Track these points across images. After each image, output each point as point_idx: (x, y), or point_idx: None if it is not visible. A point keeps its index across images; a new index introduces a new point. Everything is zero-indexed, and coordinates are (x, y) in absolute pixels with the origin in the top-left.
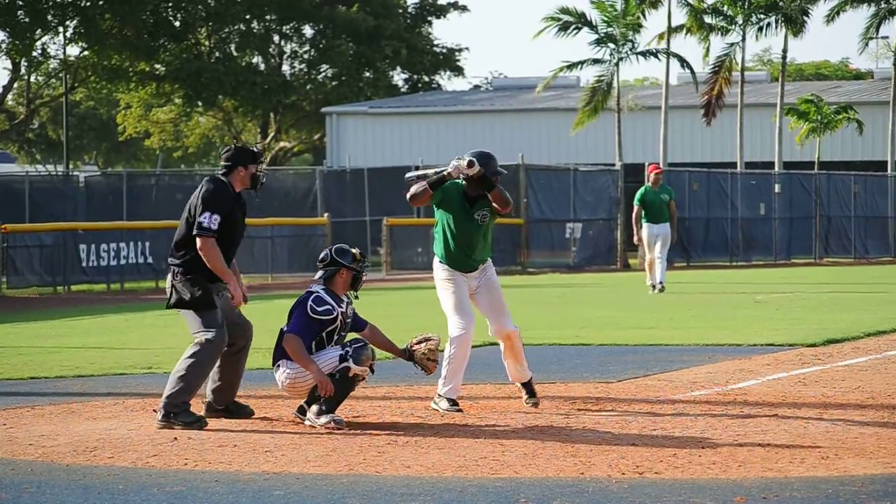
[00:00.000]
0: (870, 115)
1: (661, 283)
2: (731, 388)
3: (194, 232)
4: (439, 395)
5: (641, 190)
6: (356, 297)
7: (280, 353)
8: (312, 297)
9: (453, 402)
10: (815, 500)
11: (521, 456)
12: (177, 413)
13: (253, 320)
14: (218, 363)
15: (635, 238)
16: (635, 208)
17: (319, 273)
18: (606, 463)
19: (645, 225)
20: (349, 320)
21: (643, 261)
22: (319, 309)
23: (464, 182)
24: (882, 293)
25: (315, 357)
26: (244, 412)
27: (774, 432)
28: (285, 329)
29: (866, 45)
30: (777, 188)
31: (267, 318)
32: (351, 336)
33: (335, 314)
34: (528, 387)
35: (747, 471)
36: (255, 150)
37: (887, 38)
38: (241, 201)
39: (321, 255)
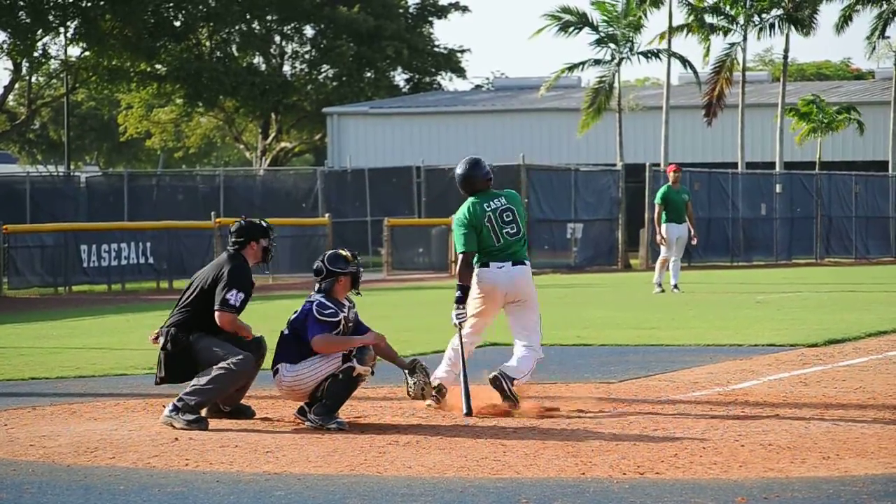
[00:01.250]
0: (871, 116)
1: (675, 284)
2: (732, 389)
3: (216, 307)
4: (508, 376)
5: (663, 189)
6: (358, 294)
7: (279, 357)
8: (315, 304)
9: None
10: (817, 501)
11: (523, 456)
12: (184, 410)
13: (254, 321)
14: None
15: (658, 237)
16: (657, 208)
17: (318, 286)
18: (608, 463)
19: (667, 224)
20: (351, 325)
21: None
22: (325, 312)
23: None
24: (883, 293)
25: (319, 357)
26: (245, 413)
27: (776, 432)
28: (286, 333)
29: (874, 48)
30: (778, 188)
31: (268, 318)
32: None
33: (339, 318)
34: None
35: (748, 471)
36: (264, 224)
37: (888, 38)
38: None
39: (315, 269)
